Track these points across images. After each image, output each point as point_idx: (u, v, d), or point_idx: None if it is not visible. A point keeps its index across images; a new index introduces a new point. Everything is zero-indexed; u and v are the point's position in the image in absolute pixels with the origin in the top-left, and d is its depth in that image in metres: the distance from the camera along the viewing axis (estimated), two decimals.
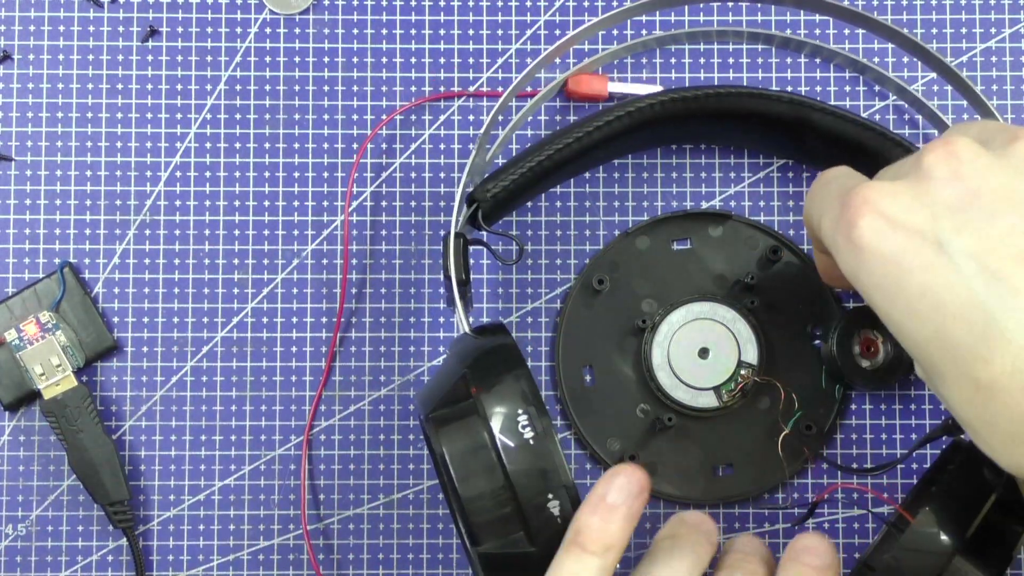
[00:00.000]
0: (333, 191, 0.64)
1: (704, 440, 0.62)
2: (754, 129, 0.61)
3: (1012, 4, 0.65)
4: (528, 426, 0.47)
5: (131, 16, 0.65)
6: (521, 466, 0.46)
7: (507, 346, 0.50)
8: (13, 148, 0.64)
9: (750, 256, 0.63)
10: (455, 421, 0.48)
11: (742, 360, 0.61)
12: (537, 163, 0.58)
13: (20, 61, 0.65)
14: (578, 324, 0.63)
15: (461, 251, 0.55)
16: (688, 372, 0.61)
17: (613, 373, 0.62)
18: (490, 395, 0.48)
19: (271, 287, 0.64)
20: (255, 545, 0.62)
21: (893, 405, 0.63)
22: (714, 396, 0.61)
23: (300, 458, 0.63)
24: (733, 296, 0.62)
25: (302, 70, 0.65)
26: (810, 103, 0.59)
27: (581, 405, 0.62)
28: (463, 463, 0.47)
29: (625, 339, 0.62)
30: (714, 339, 0.61)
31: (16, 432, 0.63)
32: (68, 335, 0.62)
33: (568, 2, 0.65)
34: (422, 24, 0.65)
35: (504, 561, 0.47)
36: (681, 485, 0.62)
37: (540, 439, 0.47)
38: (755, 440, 0.62)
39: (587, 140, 0.58)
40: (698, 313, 0.62)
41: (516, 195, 0.58)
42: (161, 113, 0.64)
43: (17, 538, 0.62)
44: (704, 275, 0.63)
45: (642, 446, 0.62)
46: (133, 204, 0.64)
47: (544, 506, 0.46)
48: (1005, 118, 0.64)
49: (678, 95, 0.59)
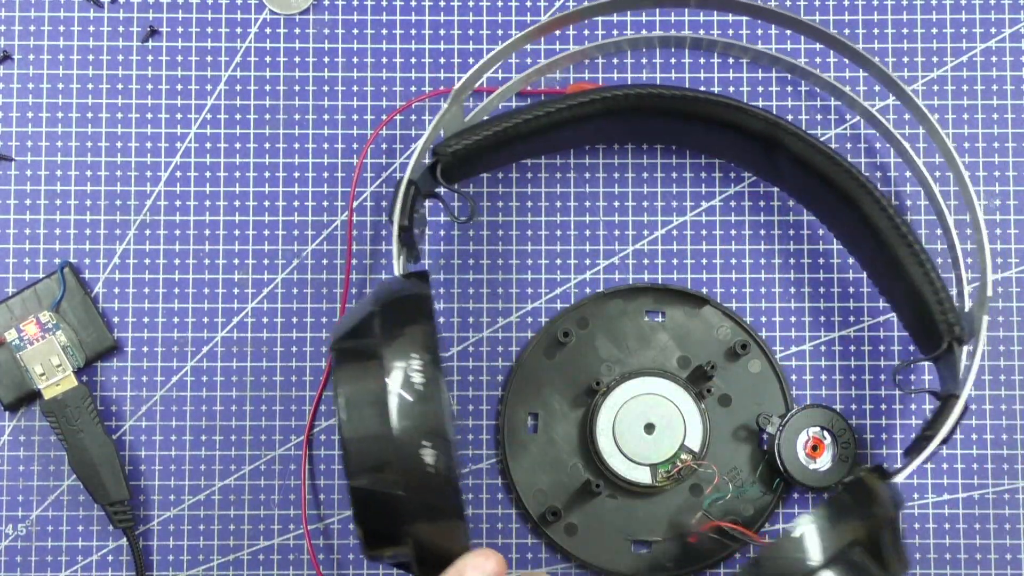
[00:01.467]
0: (333, 191, 0.64)
1: (628, 513, 0.62)
2: (726, 139, 0.61)
3: (983, 32, 0.65)
4: (419, 373, 0.47)
5: (131, 16, 0.65)
6: (405, 411, 0.47)
7: (420, 296, 0.51)
8: (13, 148, 0.64)
9: (718, 345, 0.63)
10: (354, 357, 0.49)
11: (685, 444, 0.61)
12: (503, 128, 0.58)
13: (20, 61, 0.65)
14: (534, 370, 0.63)
15: (410, 199, 0.55)
16: (629, 444, 0.61)
17: (556, 426, 0.62)
18: (390, 339, 0.48)
19: (271, 287, 0.64)
20: (255, 545, 0.62)
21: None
22: (649, 473, 0.61)
23: (300, 458, 0.63)
24: (691, 379, 0.62)
25: (302, 70, 0.65)
26: (783, 124, 0.59)
27: (517, 450, 0.62)
28: (352, 398, 0.48)
29: (577, 396, 0.62)
30: (662, 417, 0.61)
31: (16, 432, 0.63)
32: (68, 335, 0.62)
33: (568, 2, 0.65)
34: (422, 24, 0.65)
35: (373, 499, 0.48)
36: (597, 553, 0.62)
37: (428, 388, 0.47)
38: (678, 525, 0.62)
39: (556, 116, 0.58)
40: (653, 388, 0.62)
41: (478, 156, 0.58)
42: (161, 113, 0.64)
43: (17, 538, 0.62)
44: (668, 352, 0.63)
45: (567, 504, 0.62)
46: (133, 204, 0.64)
47: (418, 454, 0.47)
48: (976, 147, 0.65)
49: (654, 91, 0.59)
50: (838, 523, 0.48)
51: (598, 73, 0.65)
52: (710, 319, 0.63)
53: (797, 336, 0.64)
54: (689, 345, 0.63)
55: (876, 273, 0.60)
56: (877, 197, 0.57)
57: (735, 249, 0.64)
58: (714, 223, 0.64)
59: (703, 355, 0.62)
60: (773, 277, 0.64)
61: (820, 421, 0.61)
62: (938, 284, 0.56)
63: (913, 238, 0.57)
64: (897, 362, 0.63)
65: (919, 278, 0.56)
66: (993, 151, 0.64)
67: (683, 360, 0.63)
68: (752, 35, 0.65)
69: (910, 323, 0.59)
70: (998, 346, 0.63)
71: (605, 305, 0.63)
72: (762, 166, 0.62)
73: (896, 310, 0.60)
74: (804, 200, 0.62)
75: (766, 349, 0.63)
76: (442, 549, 0.48)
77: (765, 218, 0.64)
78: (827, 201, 0.60)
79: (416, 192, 0.56)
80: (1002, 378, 0.63)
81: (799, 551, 0.48)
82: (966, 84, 0.65)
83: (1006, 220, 0.64)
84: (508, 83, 0.61)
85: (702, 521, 0.61)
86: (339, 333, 0.51)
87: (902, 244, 0.57)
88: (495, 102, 0.61)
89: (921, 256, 0.56)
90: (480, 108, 0.61)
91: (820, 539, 0.48)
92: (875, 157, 0.64)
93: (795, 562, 0.48)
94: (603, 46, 0.63)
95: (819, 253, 0.64)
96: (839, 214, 0.59)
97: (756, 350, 0.63)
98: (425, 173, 0.57)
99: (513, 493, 0.62)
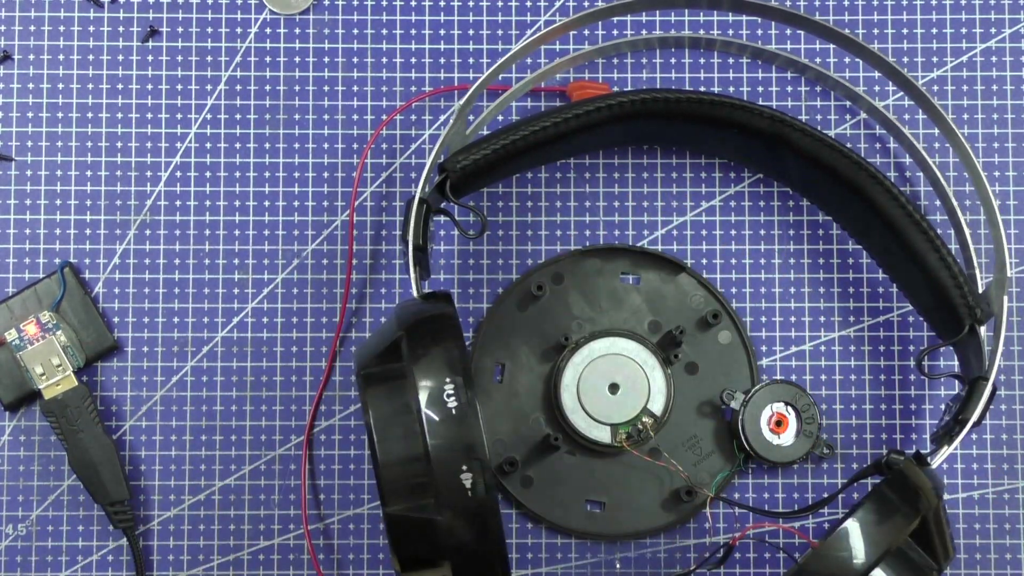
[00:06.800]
0: (333, 191, 0.64)
1: (586, 471, 0.62)
2: (731, 139, 0.60)
3: (983, 32, 0.65)
4: (453, 396, 0.47)
5: (131, 16, 0.65)
6: (441, 435, 0.47)
7: (446, 315, 0.50)
8: (13, 148, 0.64)
9: (690, 312, 0.63)
10: (384, 382, 0.48)
11: (647, 408, 0.61)
12: (511, 141, 0.58)
13: (20, 61, 0.65)
14: (505, 321, 0.63)
15: (423, 218, 0.55)
16: (592, 402, 0.61)
17: (522, 378, 0.62)
18: (421, 361, 0.48)
19: (271, 287, 0.64)
20: (255, 545, 0.62)
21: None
22: (609, 432, 0.61)
23: (300, 458, 0.63)
24: (660, 344, 0.62)
25: (302, 70, 0.65)
26: (790, 121, 0.59)
27: (481, 398, 0.62)
28: (385, 424, 0.47)
29: (545, 350, 0.62)
30: (627, 379, 0.61)
31: (16, 432, 0.63)
32: (68, 335, 0.62)
33: (568, 2, 0.65)
34: (422, 24, 0.65)
35: (410, 524, 0.48)
36: (550, 508, 0.62)
37: (463, 410, 0.47)
38: (631, 486, 0.62)
39: (564, 126, 0.58)
40: (621, 349, 0.61)
41: (486, 170, 0.58)
42: (161, 113, 0.64)
43: (17, 538, 0.62)
44: (640, 316, 0.63)
45: (526, 457, 0.62)
46: (133, 204, 0.64)
47: (457, 477, 0.47)
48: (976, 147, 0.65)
49: (660, 95, 0.59)
50: (886, 518, 0.48)
51: (598, 73, 0.65)
52: (685, 286, 0.63)
53: (797, 336, 0.64)
54: (662, 310, 0.63)
55: (889, 264, 0.61)
56: (888, 187, 0.57)
57: (735, 249, 0.64)
58: (714, 223, 0.64)
59: (675, 321, 0.62)
60: (774, 277, 0.64)
61: (784, 396, 0.61)
62: (955, 268, 0.56)
63: (927, 224, 0.57)
64: (899, 362, 0.63)
65: (935, 263, 0.57)
66: (993, 151, 0.64)
67: (654, 325, 0.63)
68: (752, 34, 0.65)
69: (928, 309, 0.59)
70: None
71: (582, 263, 0.63)
72: (768, 164, 0.62)
73: (912, 298, 0.60)
74: (812, 196, 0.62)
75: (737, 320, 0.63)
76: (482, 574, 0.48)
77: (765, 218, 0.64)
78: (837, 195, 0.60)
79: (428, 210, 0.56)
80: (1002, 378, 0.63)
81: (847, 550, 0.48)
82: (966, 84, 0.65)
83: (1006, 220, 0.64)
84: (509, 90, 0.62)
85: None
86: (364, 357, 0.50)
87: (916, 231, 0.57)
88: (495, 112, 0.61)
89: (936, 242, 0.57)
90: (481, 118, 0.60)
91: (870, 536, 0.48)
92: (876, 146, 0.64)
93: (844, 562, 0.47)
94: (603, 49, 0.63)
95: (820, 253, 0.64)
96: (849, 207, 0.60)
97: (727, 321, 0.63)
98: (434, 190, 0.57)
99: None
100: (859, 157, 0.58)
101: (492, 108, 0.61)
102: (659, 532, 0.62)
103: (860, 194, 0.58)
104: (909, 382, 0.63)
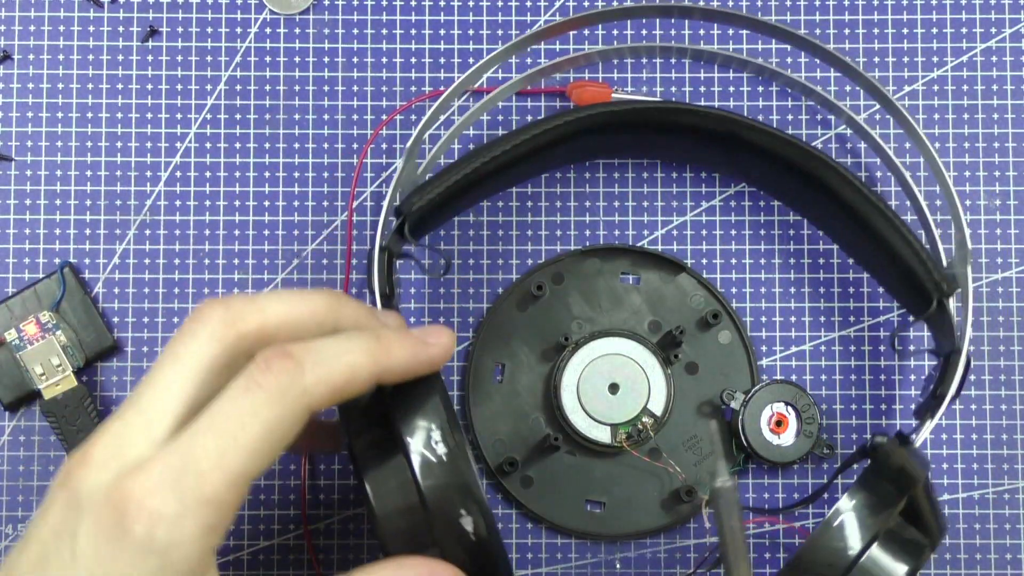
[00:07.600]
0: (333, 191, 0.64)
1: (586, 472, 0.62)
2: (689, 144, 0.60)
3: (983, 32, 0.65)
4: (440, 442, 0.47)
5: (131, 16, 0.65)
6: (434, 482, 0.46)
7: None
8: (13, 148, 0.64)
9: (690, 312, 0.63)
10: (370, 432, 0.48)
11: (647, 408, 0.61)
12: (463, 176, 0.56)
13: (20, 61, 0.65)
14: (505, 321, 0.63)
15: (386, 265, 0.54)
16: (592, 402, 0.61)
17: (522, 378, 0.62)
18: (405, 409, 0.47)
19: (271, 287, 0.64)
20: (255, 545, 0.62)
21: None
22: (608, 433, 0.61)
23: (300, 458, 0.63)
24: (660, 345, 0.62)
25: (302, 70, 0.65)
26: (738, 119, 0.58)
27: (481, 397, 0.62)
28: (378, 476, 0.47)
29: (545, 350, 0.62)
30: (627, 379, 0.61)
31: (16, 432, 0.63)
32: (68, 335, 0.62)
33: (568, 2, 0.65)
34: (422, 24, 0.65)
35: None
36: (550, 508, 0.62)
37: (453, 455, 0.46)
38: (631, 487, 0.62)
39: (521, 149, 0.57)
40: (621, 349, 0.62)
41: (443, 207, 0.57)
42: (161, 113, 0.64)
43: (17, 538, 0.62)
44: (640, 316, 0.63)
45: (526, 457, 0.62)
46: (133, 204, 0.64)
47: (456, 522, 0.46)
48: (946, 161, 0.65)
49: (605, 109, 0.58)
50: (873, 501, 0.48)
51: (598, 73, 0.65)
52: (685, 286, 0.63)
53: (797, 336, 0.64)
54: (662, 310, 0.63)
55: (854, 248, 0.61)
56: (842, 172, 0.57)
57: (735, 249, 0.64)
58: (714, 223, 0.64)
59: (675, 321, 0.62)
60: (773, 277, 0.64)
61: (784, 396, 0.61)
62: (916, 245, 0.57)
63: (884, 205, 0.57)
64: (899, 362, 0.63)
65: (897, 242, 0.57)
66: (993, 151, 0.64)
67: (654, 325, 0.63)
68: (723, 35, 0.65)
69: (895, 289, 0.59)
70: (998, 346, 0.63)
71: (582, 263, 0.63)
72: (728, 165, 0.62)
73: (879, 279, 0.60)
74: (774, 192, 0.62)
75: (737, 320, 0.63)
76: None
77: (766, 218, 0.64)
78: (795, 187, 0.60)
79: (390, 256, 0.55)
80: (1002, 378, 0.63)
81: (840, 539, 0.48)
82: (966, 84, 0.65)
83: (1006, 220, 0.64)
84: (500, 87, 0.62)
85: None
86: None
87: (875, 212, 0.57)
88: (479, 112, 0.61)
89: (895, 221, 0.57)
90: (468, 115, 0.60)
91: (861, 520, 0.48)
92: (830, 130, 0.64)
93: (837, 549, 0.48)
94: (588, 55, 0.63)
95: (819, 253, 0.64)
96: (808, 197, 0.60)
97: (727, 321, 0.63)
98: (393, 234, 0.56)
99: (470, 434, 0.62)
100: (810, 145, 0.58)
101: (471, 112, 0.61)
102: (659, 532, 0.62)
103: (816, 182, 0.58)
104: (909, 382, 0.63)
